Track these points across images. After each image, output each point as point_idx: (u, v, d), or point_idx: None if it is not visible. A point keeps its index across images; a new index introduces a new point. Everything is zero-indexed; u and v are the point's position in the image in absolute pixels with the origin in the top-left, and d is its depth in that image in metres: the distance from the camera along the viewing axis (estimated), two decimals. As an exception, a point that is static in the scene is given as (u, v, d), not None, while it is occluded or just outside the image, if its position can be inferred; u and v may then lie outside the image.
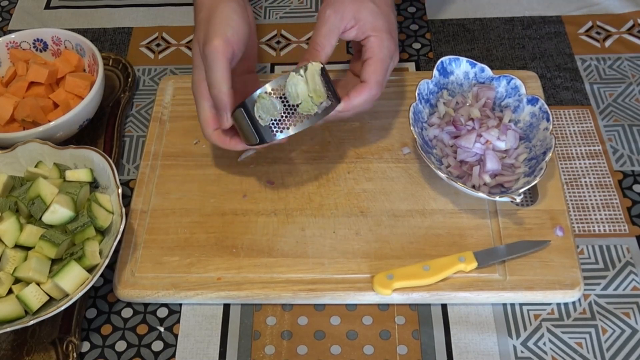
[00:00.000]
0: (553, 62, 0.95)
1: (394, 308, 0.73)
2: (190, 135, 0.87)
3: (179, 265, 0.75)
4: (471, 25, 1.01)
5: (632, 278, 0.74)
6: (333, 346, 0.71)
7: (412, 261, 0.74)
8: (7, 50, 0.91)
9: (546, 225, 0.76)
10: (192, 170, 0.84)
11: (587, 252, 0.76)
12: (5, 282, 0.70)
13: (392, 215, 0.78)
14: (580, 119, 0.88)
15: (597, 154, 0.84)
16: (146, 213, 0.80)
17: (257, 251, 0.76)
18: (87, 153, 0.78)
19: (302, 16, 1.05)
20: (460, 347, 0.70)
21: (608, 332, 0.71)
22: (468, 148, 0.78)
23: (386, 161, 0.83)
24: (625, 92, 0.91)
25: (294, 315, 0.73)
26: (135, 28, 1.04)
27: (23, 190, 0.74)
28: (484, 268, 0.73)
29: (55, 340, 0.71)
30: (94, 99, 0.84)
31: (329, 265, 0.74)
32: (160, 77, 0.97)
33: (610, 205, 0.80)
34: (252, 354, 0.71)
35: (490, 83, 0.84)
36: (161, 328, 0.73)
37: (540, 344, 0.70)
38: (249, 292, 0.73)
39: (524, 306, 0.73)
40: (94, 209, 0.73)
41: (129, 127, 0.92)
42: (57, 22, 1.06)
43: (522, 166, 0.78)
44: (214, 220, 0.79)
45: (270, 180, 0.82)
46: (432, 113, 0.84)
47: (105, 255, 0.70)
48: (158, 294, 0.73)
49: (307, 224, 0.78)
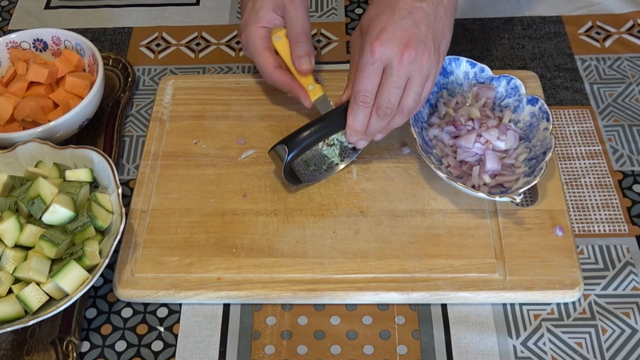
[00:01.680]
0: (553, 62, 0.95)
1: (394, 308, 0.73)
2: (190, 135, 0.87)
3: (178, 265, 0.75)
4: (471, 25, 1.01)
5: (632, 278, 0.74)
6: (333, 346, 0.71)
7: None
8: (7, 50, 0.91)
9: (546, 225, 0.76)
10: (192, 170, 0.84)
11: (587, 252, 0.76)
12: (5, 282, 0.70)
13: (392, 215, 0.78)
14: (580, 119, 0.88)
15: (597, 154, 0.84)
16: (146, 213, 0.80)
17: (257, 251, 0.76)
18: (87, 153, 0.78)
19: (302, 16, 1.05)
20: (460, 347, 0.70)
21: (608, 332, 0.71)
22: (468, 148, 0.78)
23: (386, 161, 0.83)
24: (625, 92, 0.91)
25: (294, 315, 0.73)
26: (135, 28, 1.04)
27: (23, 190, 0.74)
28: (484, 268, 0.73)
29: (55, 340, 0.71)
30: (94, 98, 0.84)
31: (329, 265, 0.74)
32: (160, 77, 0.97)
33: (610, 205, 0.80)
34: (252, 354, 0.71)
35: (490, 83, 0.84)
36: (161, 328, 0.73)
37: (540, 344, 0.70)
38: (248, 292, 0.73)
39: (524, 306, 0.73)
40: (93, 208, 0.73)
41: (129, 127, 0.92)
42: (57, 22, 1.06)
43: (522, 166, 0.78)
44: (214, 220, 0.79)
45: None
46: (432, 113, 0.84)
47: (105, 255, 0.70)
48: (158, 293, 0.73)
49: (307, 223, 0.78)
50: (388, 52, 0.69)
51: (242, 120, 0.88)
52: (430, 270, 0.73)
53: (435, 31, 0.70)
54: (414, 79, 0.70)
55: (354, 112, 0.73)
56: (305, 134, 0.75)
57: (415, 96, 0.71)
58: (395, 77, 0.70)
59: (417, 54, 0.69)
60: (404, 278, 0.73)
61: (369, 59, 0.69)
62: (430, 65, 0.70)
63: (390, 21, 0.69)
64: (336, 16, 1.04)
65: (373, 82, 0.71)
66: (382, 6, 0.71)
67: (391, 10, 0.70)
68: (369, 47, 0.69)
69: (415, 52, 0.69)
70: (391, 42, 0.69)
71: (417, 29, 0.69)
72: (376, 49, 0.69)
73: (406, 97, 0.71)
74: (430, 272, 0.73)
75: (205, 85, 0.93)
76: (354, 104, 0.72)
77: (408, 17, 0.69)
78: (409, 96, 0.71)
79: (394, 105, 0.72)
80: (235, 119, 0.89)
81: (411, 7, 0.70)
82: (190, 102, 0.91)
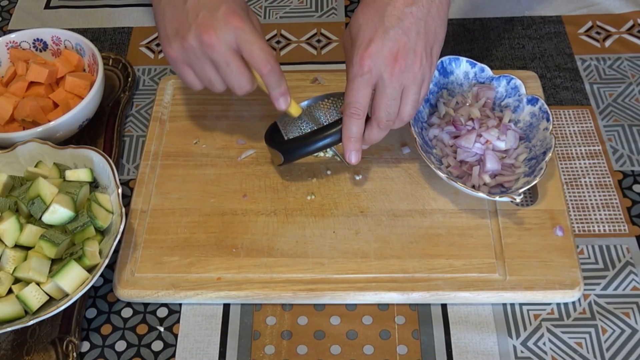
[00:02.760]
0: (553, 62, 0.95)
1: (394, 308, 0.73)
2: (190, 135, 0.87)
3: (178, 265, 0.75)
4: (471, 25, 1.01)
5: (632, 278, 0.74)
6: (333, 346, 0.71)
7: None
8: (7, 50, 0.91)
9: (546, 225, 0.76)
10: (192, 170, 0.84)
11: (587, 252, 0.76)
12: (5, 282, 0.70)
13: (392, 215, 0.78)
14: (580, 119, 0.88)
15: (597, 154, 0.84)
16: (146, 213, 0.80)
17: (257, 251, 0.76)
18: (87, 153, 0.78)
19: (302, 16, 1.05)
20: (460, 347, 0.70)
21: (608, 332, 0.71)
22: (468, 148, 0.78)
23: (386, 161, 0.83)
24: (625, 92, 0.91)
25: (294, 315, 0.73)
26: (135, 28, 1.04)
27: (23, 190, 0.74)
28: (484, 268, 0.73)
29: (55, 340, 0.71)
30: (94, 98, 0.84)
31: (329, 265, 0.74)
32: (160, 77, 0.97)
33: (610, 205, 0.80)
34: (252, 354, 0.71)
35: (490, 83, 0.84)
36: (161, 328, 0.73)
37: (540, 344, 0.70)
38: (248, 292, 0.73)
39: (524, 306, 0.73)
40: (93, 208, 0.73)
41: (129, 127, 0.92)
42: (57, 22, 1.06)
43: (522, 166, 0.78)
44: (214, 220, 0.79)
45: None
46: (432, 113, 0.84)
47: (105, 255, 0.70)
48: (158, 293, 0.73)
49: (307, 223, 0.78)
50: (378, 65, 0.68)
51: (242, 120, 0.88)
52: (430, 270, 0.73)
53: (427, 35, 0.69)
54: (408, 88, 0.70)
55: (347, 124, 0.72)
56: (303, 148, 0.77)
57: (413, 103, 0.71)
58: (390, 90, 0.69)
59: (408, 64, 0.68)
60: (404, 278, 0.73)
61: (358, 72, 0.68)
62: (423, 71, 0.69)
63: (379, 31, 0.67)
64: (336, 16, 1.04)
65: (364, 94, 0.70)
66: (371, 11, 0.69)
67: (379, 18, 0.68)
68: (358, 59, 0.68)
69: (406, 62, 0.67)
70: (380, 55, 0.67)
71: (407, 38, 0.67)
72: (365, 62, 0.67)
73: (404, 106, 0.71)
74: (430, 272, 0.73)
75: (205, 85, 0.93)
76: (347, 116, 0.71)
77: (397, 26, 0.67)
78: (406, 105, 0.71)
79: (394, 116, 0.71)
80: (235, 119, 0.89)
81: (400, 14, 0.67)
82: (190, 102, 0.91)
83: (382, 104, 0.70)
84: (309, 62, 0.98)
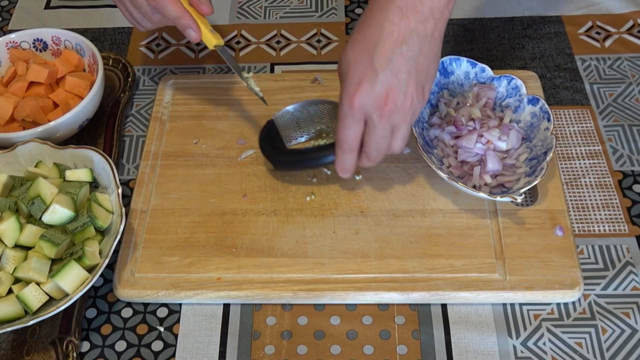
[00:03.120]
0: (553, 62, 0.95)
1: (394, 308, 0.73)
2: (190, 135, 0.87)
3: (178, 265, 0.75)
4: (471, 25, 1.01)
5: (632, 278, 0.74)
6: (333, 346, 0.71)
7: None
8: (7, 50, 0.91)
9: (546, 225, 0.76)
10: (192, 170, 0.84)
11: (587, 252, 0.76)
12: (5, 282, 0.70)
13: (392, 215, 0.78)
14: (580, 119, 0.88)
15: (597, 154, 0.84)
16: (146, 213, 0.80)
17: (257, 251, 0.76)
18: (87, 153, 0.78)
19: (302, 16, 1.05)
20: (460, 347, 0.70)
21: (608, 332, 0.71)
22: (469, 148, 0.78)
23: (386, 161, 0.83)
24: (625, 92, 0.91)
25: (294, 315, 0.73)
26: (135, 28, 1.04)
27: (23, 190, 0.74)
28: (484, 268, 0.73)
29: (55, 340, 0.71)
30: (94, 98, 0.84)
31: (329, 265, 0.74)
32: (160, 77, 0.97)
33: (610, 205, 0.80)
34: (252, 354, 0.71)
35: (491, 83, 0.84)
36: (161, 328, 0.73)
37: (540, 344, 0.70)
38: (248, 292, 0.73)
39: (524, 306, 0.73)
40: (93, 208, 0.73)
41: (129, 127, 0.92)
42: (57, 22, 1.06)
43: (523, 166, 0.78)
44: (214, 220, 0.79)
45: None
46: (432, 113, 0.84)
47: (105, 255, 0.70)
48: (158, 293, 0.73)
49: (307, 223, 0.78)
50: (367, 107, 0.66)
51: (242, 120, 0.88)
52: (430, 270, 0.73)
53: (418, 74, 0.66)
54: (399, 127, 0.69)
55: (340, 158, 0.72)
56: (293, 164, 0.81)
57: (403, 139, 0.70)
58: (380, 130, 0.68)
59: (398, 105, 0.66)
60: (404, 278, 0.73)
61: (348, 112, 0.67)
62: (414, 109, 0.68)
63: (368, 72, 0.65)
64: (336, 16, 1.04)
65: (354, 132, 0.69)
66: (361, 48, 0.66)
67: (369, 58, 0.65)
68: (348, 100, 0.66)
69: (396, 104, 0.66)
70: (370, 97, 0.66)
71: (397, 80, 0.65)
72: (355, 103, 0.66)
73: (394, 141, 0.70)
74: (430, 272, 0.73)
75: (205, 85, 0.93)
76: (339, 151, 0.71)
77: (386, 67, 0.65)
78: (397, 140, 0.70)
79: (384, 151, 0.71)
80: (235, 119, 0.89)
81: (390, 54, 0.65)
82: (190, 102, 0.91)
83: (372, 141, 0.69)
84: (309, 62, 0.98)
